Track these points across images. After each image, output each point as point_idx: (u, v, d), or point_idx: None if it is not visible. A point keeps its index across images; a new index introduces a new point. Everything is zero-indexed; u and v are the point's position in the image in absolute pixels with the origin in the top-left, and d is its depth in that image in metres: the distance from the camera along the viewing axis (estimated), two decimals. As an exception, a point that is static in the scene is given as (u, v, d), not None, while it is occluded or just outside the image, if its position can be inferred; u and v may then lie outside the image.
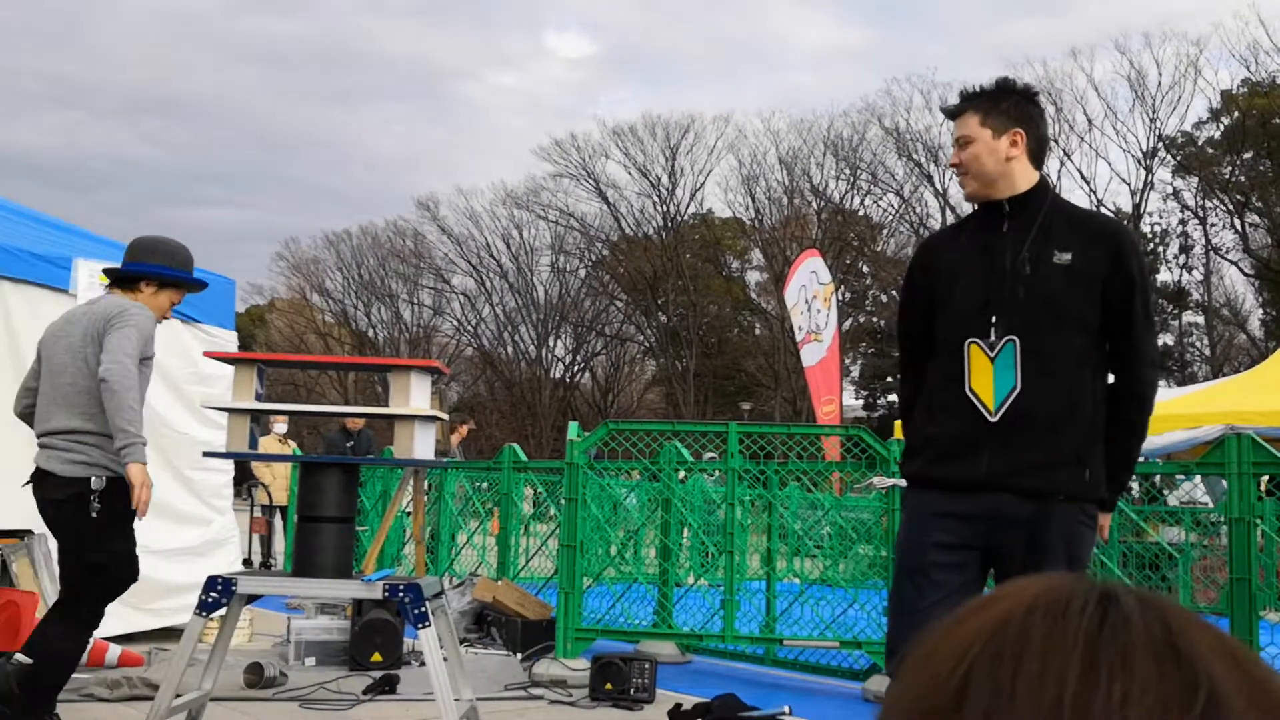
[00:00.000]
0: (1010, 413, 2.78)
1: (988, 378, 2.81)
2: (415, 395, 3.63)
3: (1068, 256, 2.79)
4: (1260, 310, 40.14)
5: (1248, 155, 37.80)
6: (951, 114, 2.97)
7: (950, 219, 37.16)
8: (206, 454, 4.04)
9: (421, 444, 3.67)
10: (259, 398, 3.75)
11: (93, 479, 3.86)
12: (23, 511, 5.94)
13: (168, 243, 4.31)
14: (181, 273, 4.20)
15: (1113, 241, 2.82)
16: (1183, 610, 0.53)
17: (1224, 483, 4.95)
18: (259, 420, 3.80)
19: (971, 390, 2.82)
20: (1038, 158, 2.92)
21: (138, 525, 6.55)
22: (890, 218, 44.11)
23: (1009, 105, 2.88)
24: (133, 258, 4.20)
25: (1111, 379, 2.86)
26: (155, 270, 4.15)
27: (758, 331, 44.86)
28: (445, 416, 3.98)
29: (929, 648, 0.54)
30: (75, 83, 67.78)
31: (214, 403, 7.00)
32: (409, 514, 7.14)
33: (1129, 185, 39.30)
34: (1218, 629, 0.53)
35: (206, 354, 4.24)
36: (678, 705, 4.97)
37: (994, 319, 2.81)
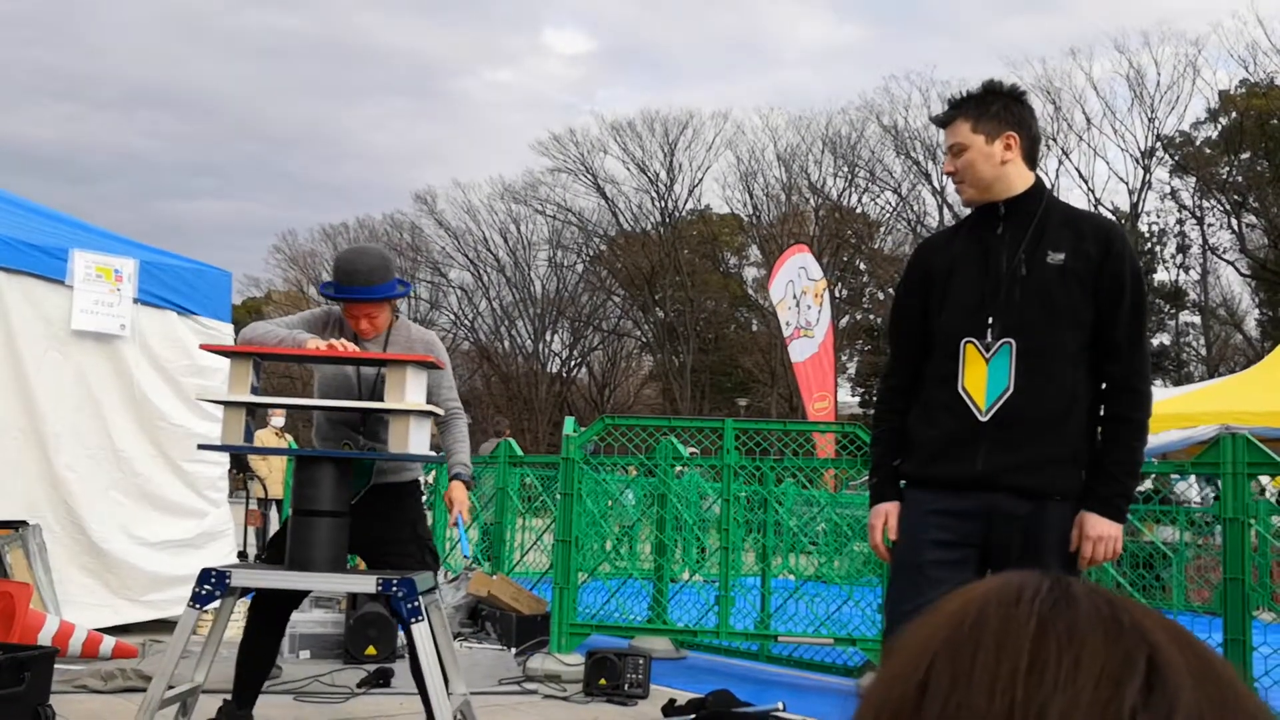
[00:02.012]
0: (1001, 413, 2.77)
1: (981, 377, 2.81)
2: (410, 390, 3.63)
3: (1061, 256, 2.79)
4: (1256, 310, 40.20)
5: (1245, 155, 37.81)
6: (942, 122, 2.95)
7: (948, 217, 37.18)
8: (201, 447, 4.04)
9: (416, 439, 3.66)
10: (254, 391, 3.74)
11: None
12: (18, 503, 5.96)
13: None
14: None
15: (1104, 238, 2.82)
16: (1131, 599, 0.56)
17: (1218, 482, 4.95)
18: (255, 414, 3.80)
19: (964, 389, 2.82)
20: (1031, 158, 2.91)
21: (131, 516, 6.56)
22: (888, 215, 44.15)
23: (999, 108, 2.86)
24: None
25: (1105, 379, 2.84)
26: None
27: (755, 328, 44.84)
28: (441, 412, 3.97)
29: (895, 647, 0.57)
30: (73, 75, 67.65)
31: (209, 394, 7.01)
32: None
33: (1127, 185, 39.34)
34: (1160, 616, 0.55)
35: (203, 346, 4.23)
36: (671, 701, 4.98)
37: (990, 320, 2.81)
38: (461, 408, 4.31)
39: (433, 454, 3.92)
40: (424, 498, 7.18)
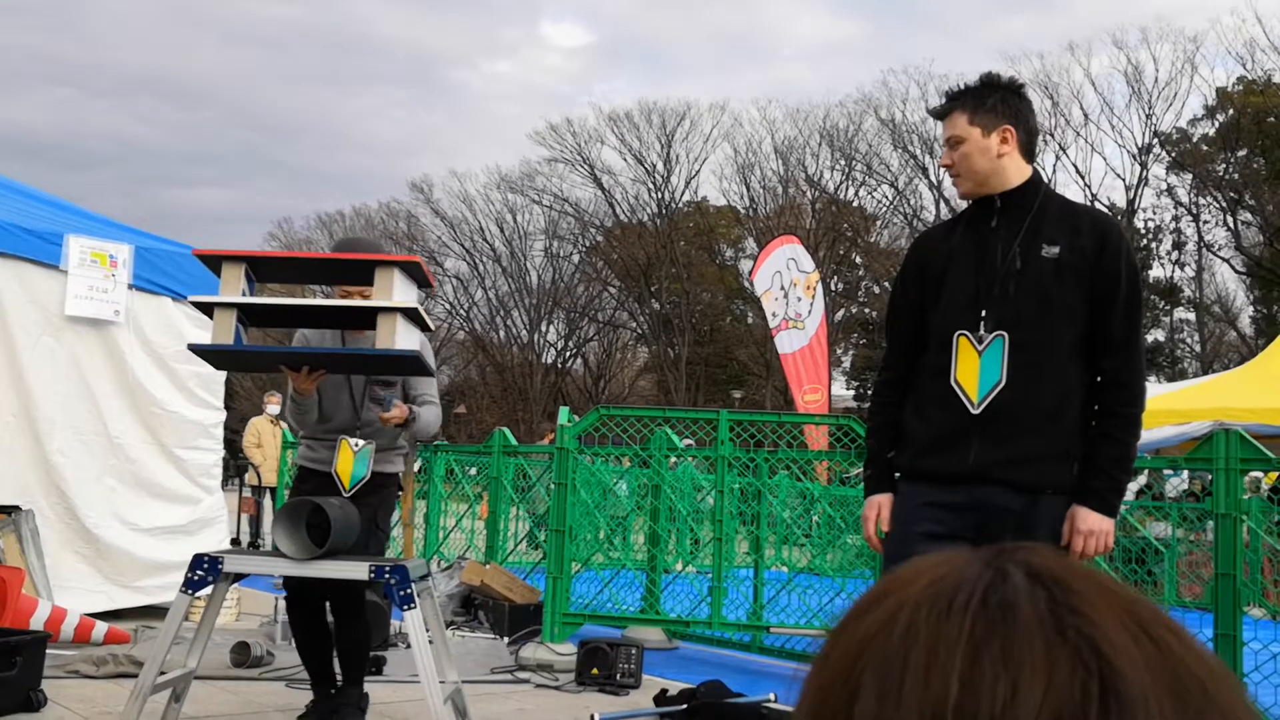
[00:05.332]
0: (993, 406, 2.77)
1: (973, 370, 2.81)
2: (399, 291, 3.58)
3: (1056, 250, 2.79)
4: (1251, 308, 40.27)
5: (1242, 153, 37.84)
6: (939, 115, 2.94)
7: (944, 211, 37.19)
8: (191, 347, 3.92)
9: (404, 338, 3.59)
10: (245, 296, 3.69)
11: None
12: (11, 488, 5.95)
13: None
14: None
15: (1099, 232, 2.81)
16: (1077, 579, 0.50)
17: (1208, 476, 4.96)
18: (245, 322, 3.71)
19: (957, 382, 2.82)
20: (1029, 151, 2.90)
21: (125, 502, 6.54)
22: (884, 209, 44.15)
23: (996, 101, 2.85)
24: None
25: (1099, 373, 2.84)
26: None
27: (750, 320, 44.83)
28: (431, 325, 3.92)
29: (827, 648, 0.53)
30: (71, 61, 67.51)
31: (205, 382, 6.99)
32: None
33: (1123, 180, 39.38)
34: (1115, 589, 0.50)
35: (195, 252, 4.08)
36: (663, 691, 4.98)
37: (984, 313, 2.81)
38: (436, 402, 4.28)
39: (418, 353, 3.78)
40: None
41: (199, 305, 3.79)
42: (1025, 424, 2.76)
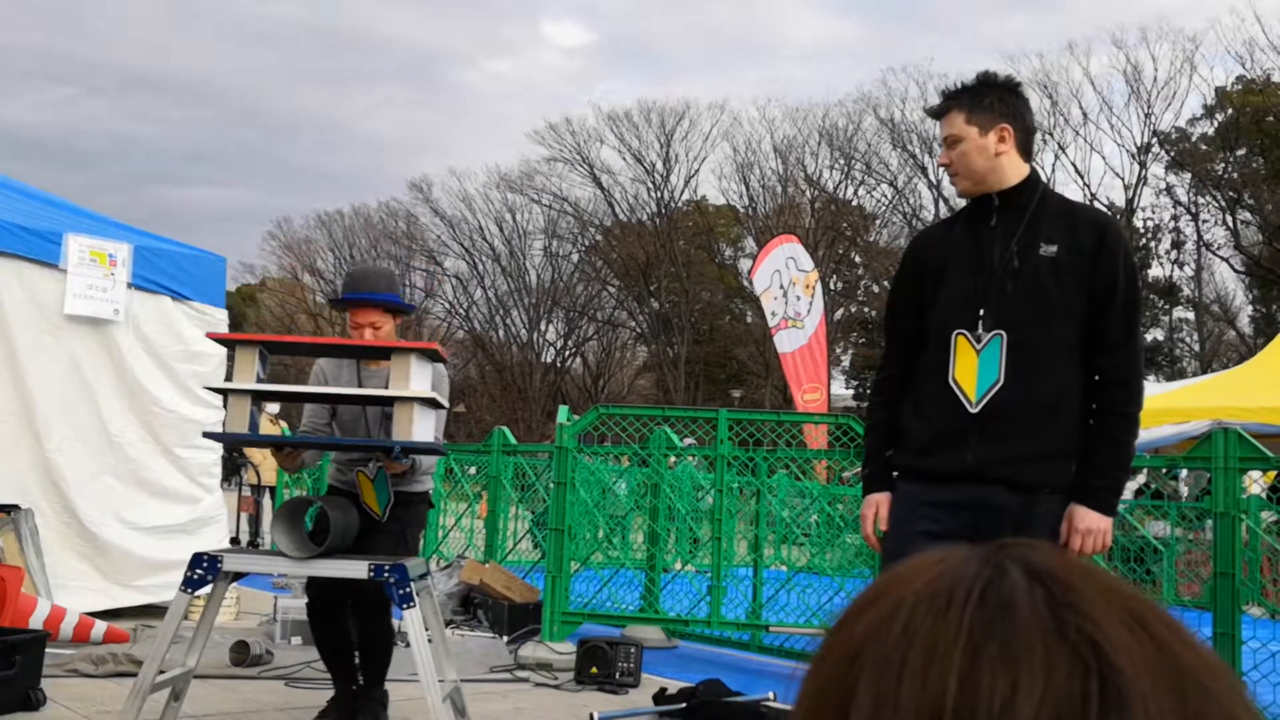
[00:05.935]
0: (991, 405, 2.77)
1: (972, 369, 2.81)
2: (415, 379, 3.61)
3: (1054, 248, 2.79)
4: (1250, 307, 40.30)
5: (1241, 152, 37.85)
6: (936, 114, 2.94)
7: (943, 210, 37.18)
8: (206, 435, 4.02)
9: (421, 427, 3.65)
10: (260, 380, 3.73)
11: None
12: (10, 487, 5.95)
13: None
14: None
15: (1097, 231, 2.81)
16: (1075, 576, 0.50)
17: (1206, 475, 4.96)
18: (259, 402, 3.77)
19: (954, 381, 2.82)
20: (1026, 149, 2.90)
21: (124, 501, 6.54)
22: (883, 208, 44.16)
23: (993, 100, 2.85)
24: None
25: (1097, 372, 2.84)
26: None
27: (749, 319, 44.84)
28: (446, 404, 3.96)
29: (824, 647, 0.52)
30: (71, 60, 67.57)
31: (206, 380, 6.99)
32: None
33: (1122, 180, 39.38)
34: (1114, 586, 0.50)
35: (210, 335, 4.18)
36: (663, 689, 4.98)
37: (981, 312, 2.81)
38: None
39: (434, 443, 3.86)
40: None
41: (215, 390, 3.82)
42: (1023, 423, 2.76)
